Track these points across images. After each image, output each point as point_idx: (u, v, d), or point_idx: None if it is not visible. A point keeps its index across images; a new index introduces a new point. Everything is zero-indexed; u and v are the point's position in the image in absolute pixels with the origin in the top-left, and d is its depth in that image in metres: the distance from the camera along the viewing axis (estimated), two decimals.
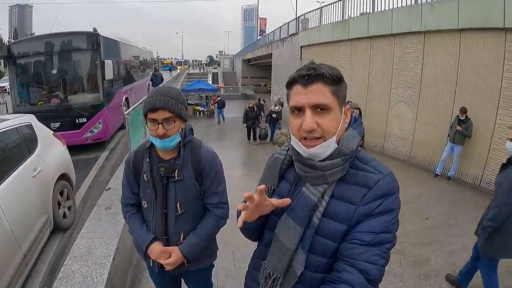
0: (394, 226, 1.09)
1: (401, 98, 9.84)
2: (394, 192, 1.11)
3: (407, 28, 9.23)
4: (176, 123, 1.72)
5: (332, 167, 1.12)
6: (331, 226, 1.12)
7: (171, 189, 1.84)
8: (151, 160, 1.85)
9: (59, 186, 4.57)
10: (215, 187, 1.90)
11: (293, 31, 18.89)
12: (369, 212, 1.08)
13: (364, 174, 1.13)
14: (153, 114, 1.67)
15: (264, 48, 28.08)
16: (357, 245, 1.06)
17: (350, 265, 1.05)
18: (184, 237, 1.89)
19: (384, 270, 1.07)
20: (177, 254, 1.85)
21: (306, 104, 1.07)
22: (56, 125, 8.14)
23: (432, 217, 5.56)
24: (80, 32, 9.04)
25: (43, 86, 8.87)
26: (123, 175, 1.99)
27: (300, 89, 1.09)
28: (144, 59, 17.94)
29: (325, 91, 1.07)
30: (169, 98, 1.68)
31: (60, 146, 5.11)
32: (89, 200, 5.79)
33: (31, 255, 3.49)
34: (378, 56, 10.81)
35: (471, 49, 7.45)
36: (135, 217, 1.98)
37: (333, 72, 1.08)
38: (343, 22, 12.88)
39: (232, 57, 60.21)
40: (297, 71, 1.12)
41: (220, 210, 1.93)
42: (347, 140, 1.13)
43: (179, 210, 1.85)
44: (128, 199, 1.99)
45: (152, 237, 1.89)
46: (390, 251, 1.11)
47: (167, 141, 1.71)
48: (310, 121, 1.06)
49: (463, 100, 7.56)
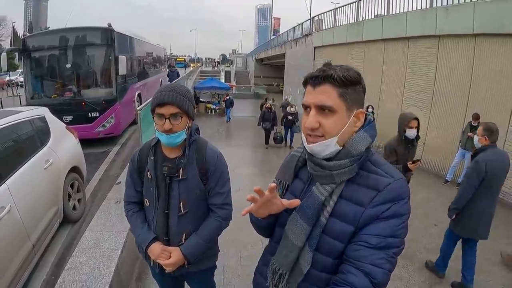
0: (402, 231, 1.09)
1: (414, 102, 9.73)
2: (404, 197, 1.10)
3: (422, 32, 9.14)
4: (183, 119, 1.72)
5: (339, 168, 1.13)
6: (338, 226, 1.13)
7: (175, 188, 1.82)
8: (155, 158, 1.84)
9: (70, 178, 4.64)
10: (220, 187, 1.89)
11: (307, 32, 18.84)
12: (377, 215, 1.08)
13: (375, 177, 1.13)
14: (160, 109, 1.67)
15: (278, 48, 28.05)
16: (364, 247, 1.06)
17: (355, 267, 1.05)
18: (186, 238, 1.87)
19: (390, 275, 1.07)
20: (178, 255, 1.82)
21: (312, 103, 1.12)
22: (68, 118, 8.25)
23: (441, 223, 5.47)
24: (95, 28, 9.14)
25: (57, 79, 8.99)
26: (127, 173, 1.99)
27: (310, 89, 1.14)
28: (158, 55, 18.04)
29: (331, 93, 1.09)
30: (177, 94, 1.69)
31: (72, 139, 5.18)
32: (99, 193, 5.87)
33: (39, 246, 3.55)
34: (392, 59, 10.72)
35: (485, 55, 7.34)
36: (137, 215, 1.96)
37: (345, 74, 1.09)
38: (357, 24, 12.81)
39: (245, 56, 60.22)
40: (311, 72, 1.16)
41: (224, 211, 1.91)
42: (355, 142, 1.14)
43: (182, 210, 1.83)
44: (131, 197, 1.98)
45: (153, 236, 1.87)
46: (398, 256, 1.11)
47: (173, 136, 1.70)
48: (312, 120, 1.11)
49: (476, 106, 7.46)
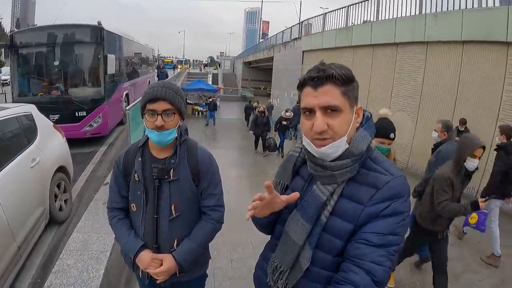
0: (401, 229, 1.09)
1: (401, 106, 9.86)
2: (404, 194, 1.10)
3: (410, 38, 9.27)
4: (175, 116, 1.66)
5: (341, 168, 1.12)
6: (338, 224, 1.14)
7: (165, 190, 1.72)
8: (143, 159, 1.75)
9: (57, 178, 4.52)
10: (212, 188, 1.82)
11: (296, 36, 18.91)
12: (376, 213, 1.08)
13: (375, 175, 1.13)
14: (152, 105, 1.61)
15: (266, 51, 28.10)
16: (364, 245, 1.06)
17: (357, 266, 1.05)
18: (178, 243, 1.76)
19: (390, 272, 1.07)
20: (170, 262, 1.71)
21: (316, 105, 1.08)
22: (55, 117, 8.06)
23: None
24: (84, 25, 9.00)
25: (44, 77, 8.81)
26: (111, 176, 1.87)
27: (310, 91, 1.10)
28: (146, 56, 17.95)
29: (335, 93, 1.07)
30: (170, 90, 1.63)
31: (59, 138, 5.07)
32: (86, 194, 5.75)
33: (25, 247, 3.44)
34: (380, 64, 10.85)
35: (473, 62, 7.49)
36: (122, 222, 1.83)
37: (343, 72, 1.08)
38: (346, 29, 12.94)
39: (233, 59, 60.22)
40: (308, 72, 1.12)
41: (217, 213, 1.83)
42: (357, 141, 1.13)
43: (174, 213, 1.73)
44: (115, 203, 1.85)
45: (141, 244, 1.74)
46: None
47: (164, 134, 1.63)
48: (321, 123, 1.07)
49: (463, 111, 7.58)
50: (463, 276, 4.11)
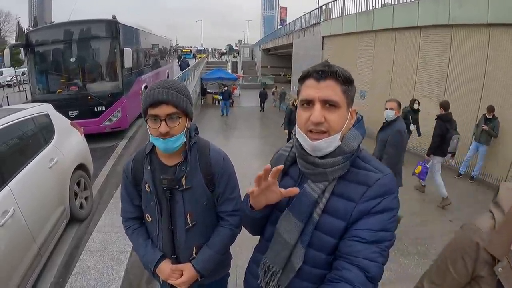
0: (392, 225, 1.12)
1: (426, 92, 9.56)
2: (394, 191, 1.14)
3: (434, 21, 8.94)
4: (181, 120, 1.50)
5: (333, 165, 1.14)
6: (330, 222, 1.15)
7: (178, 200, 1.62)
8: (152, 167, 1.63)
9: (76, 176, 4.55)
10: (229, 193, 1.71)
11: (315, 21, 18.60)
12: (367, 210, 1.10)
13: (365, 173, 1.16)
14: (154, 110, 1.44)
15: (285, 37, 27.86)
16: (356, 242, 1.08)
17: (350, 263, 1.06)
18: (196, 251, 1.70)
19: (383, 268, 1.08)
20: (190, 272, 1.67)
21: (317, 97, 1.11)
22: (74, 113, 8.22)
23: (456, 218, 5.37)
24: (99, 20, 9.00)
25: (61, 74, 8.91)
26: (121, 186, 1.77)
27: (312, 83, 1.13)
28: (164, 47, 17.97)
29: (336, 89, 1.11)
30: (173, 90, 1.46)
31: (77, 136, 5.09)
32: (107, 190, 5.80)
33: (46, 248, 3.45)
34: (403, 48, 10.53)
35: (500, 46, 7.15)
36: (138, 233, 1.77)
37: (345, 73, 1.13)
38: (367, 12, 12.57)
39: (251, 46, 60.07)
40: (312, 67, 1.16)
41: (235, 217, 1.72)
42: (349, 139, 1.16)
43: (190, 223, 1.64)
44: (128, 213, 1.78)
45: (160, 255, 1.70)
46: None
47: (170, 141, 1.48)
48: (318, 114, 1.09)
49: (490, 99, 7.28)
50: None
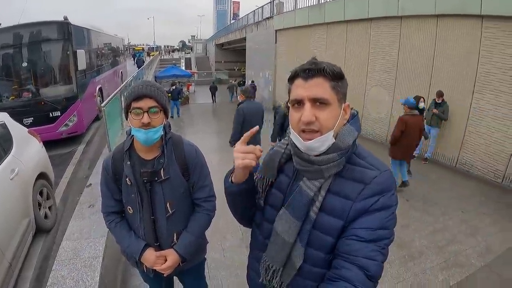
0: (391, 223, 1.11)
1: (377, 81, 9.99)
2: (391, 189, 1.13)
3: (384, 13, 9.30)
4: (160, 114, 1.67)
5: (328, 162, 1.13)
6: (327, 221, 1.14)
7: (158, 190, 1.76)
8: (132, 162, 1.75)
9: (38, 186, 4.38)
10: (203, 180, 1.88)
11: (268, 15, 18.69)
12: (365, 208, 1.09)
13: (361, 170, 1.14)
14: (138, 103, 1.60)
15: (238, 32, 27.76)
16: (355, 241, 1.07)
17: (349, 262, 1.05)
18: (177, 237, 1.85)
19: (383, 266, 1.08)
20: (174, 257, 1.81)
21: (306, 97, 1.09)
22: (29, 120, 7.81)
23: (411, 198, 5.72)
24: (50, 22, 8.56)
25: (13, 80, 8.40)
26: (101, 182, 1.88)
27: (301, 82, 1.12)
28: (116, 46, 17.42)
29: (325, 86, 1.09)
30: (154, 88, 1.64)
31: (36, 144, 4.88)
32: (70, 197, 5.62)
33: (16, 262, 3.34)
34: (354, 40, 10.89)
35: (447, 35, 7.58)
36: (120, 225, 1.88)
37: (334, 68, 1.11)
38: (319, 6, 12.85)
39: (205, 42, 59.36)
40: (299, 66, 1.15)
41: (210, 203, 1.91)
42: (343, 136, 1.14)
43: (170, 210, 1.79)
44: (109, 207, 1.88)
45: (144, 244, 1.82)
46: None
47: (151, 131, 1.64)
48: (309, 114, 1.08)
49: (439, 84, 7.72)
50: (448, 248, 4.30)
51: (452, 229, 4.72)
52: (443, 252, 4.16)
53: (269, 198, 1.32)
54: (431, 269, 3.85)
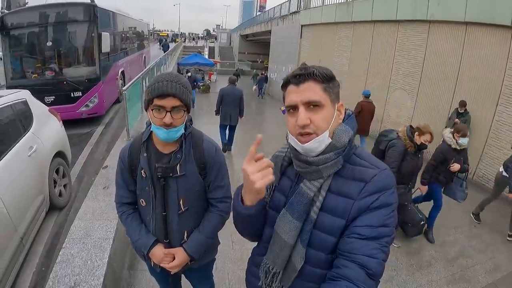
0: (391, 220, 1.11)
1: (401, 85, 9.80)
2: (391, 186, 1.14)
3: (412, 16, 9.11)
4: (184, 113, 1.60)
5: (325, 161, 1.14)
6: (329, 220, 1.15)
7: (172, 185, 1.71)
8: (148, 154, 1.70)
9: (55, 164, 4.48)
10: (219, 180, 1.81)
11: (295, 9, 18.51)
12: (366, 206, 1.10)
13: (361, 169, 1.16)
14: (161, 101, 1.51)
15: (263, 24, 27.60)
16: (356, 239, 1.07)
17: (350, 260, 1.05)
18: (187, 235, 1.80)
19: (384, 264, 1.08)
20: (182, 255, 1.77)
21: (299, 101, 1.12)
22: (50, 99, 7.99)
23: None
24: (76, 3, 8.69)
25: (37, 58, 8.58)
26: (117, 172, 1.84)
27: (293, 88, 1.15)
28: (141, 31, 17.55)
29: (316, 89, 1.12)
30: (179, 85, 1.54)
31: (56, 123, 4.99)
32: (85, 177, 5.75)
33: (27, 237, 3.44)
34: (380, 41, 10.71)
35: (475, 43, 7.38)
36: (132, 218, 1.85)
37: (324, 71, 1.14)
38: (346, 3, 12.65)
39: (229, 32, 59.27)
40: (290, 73, 1.18)
41: (225, 204, 1.84)
42: (339, 135, 1.16)
43: (182, 208, 1.74)
44: (123, 198, 1.85)
45: (153, 240, 1.79)
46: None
47: (173, 131, 1.57)
48: (303, 117, 1.10)
49: (463, 93, 7.55)
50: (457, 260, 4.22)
51: (463, 243, 4.64)
52: (451, 265, 4.10)
53: (273, 201, 1.32)
54: (437, 281, 3.80)
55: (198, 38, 72.69)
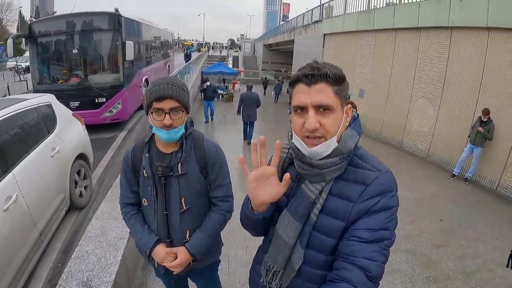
0: (392, 223, 1.10)
1: (423, 93, 9.62)
2: (392, 189, 1.11)
3: (434, 23, 8.96)
4: (182, 113, 1.65)
5: (330, 166, 1.12)
6: (328, 222, 1.14)
7: (174, 184, 1.74)
8: (150, 154, 1.75)
9: (77, 165, 4.65)
10: (221, 179, 1.83)
11: (317, 18, 18.54)
12: (366, 209, 1.09)
13: (362, 172, 1.13)
14: (159, 104, 1.57)
15: (286, 34, 27.75)
16: (356, 242, 1.06)
17: (350, 263, 1.05)
18: (190, 235, 1.82)
19: (384, 267, 1.07)
20: (184, 255, 1.78)
21: (310, 104, 1.07)
22: (75, 104, 8.30)
23: (446, 219, 5.48)
24: (102, 13, 9.05)
25: (63, 65, 8.97)
26: (121, 173, 1.89)
27: (303, 88, 1.10)
28: (165, 40, 17.98)
29: (328, 91, 1.08)
30: (176, 87, 1.59)
31: (78, 126, 5.18)
32: (106, 179, 5.91)
33: (46, 234, 3.57)
34: (402, 49, 10.56)
35: (498, 49, 7.18)
36: (135, 218, 1.88)
37: (336, 71, 1.09)
38: (368, 12, 12.55)
39: (253, 41, 59.84)
40: (301, 70, 1.12)
41: (226, 203, 1.86)
42: (345, 140, 1.14)
43: (184, 207, 1.76)
44: (127, 199, 1.89)
45: (156, 239, 1.80)
46: (395, 249, 1.11)
47: (173, 132, 1.62)
48: (313, 121, 1.06)
49: (486, 101, 7.34)
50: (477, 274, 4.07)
51: (484, 256, 4.46)
52: (470, 279, 3.95)
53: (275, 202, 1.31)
54: None
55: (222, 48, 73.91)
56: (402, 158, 9.58)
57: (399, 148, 10.63)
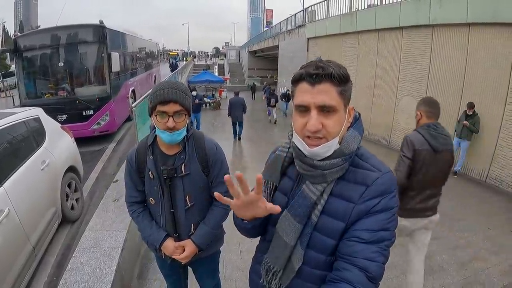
0: (392, 224, 1.09)
1: (408, 91, 9.78)
2: (392, 190, 1.11)
3: (415, 21, 9.15)
4: (185, 117, 1.74)
5: (331, 167, 1.11)
6: (329, 223, 1.13)
7: (178, 184, 1.85)
8: (155, 157, 1.84)
9: (67, 178, 4.62)
10: (221, 176, 1.92)
11: (300, 23, 18.75)
12: (367, 210, 1.08)
13: (363, 172, 1.13)
14: (163, 107, 1.66)
15: (271, 39, 27.97)
16: (356, 242, 1.06)
17: (350, 263, 1.05)
18: (195, 228, 1.94)
19: (384, 268, 1.07)
20: (191, 247, 1.91)
21: (313, 104, 1.05)
22: (63, 117, 8.24)
23: (438, 212, 5.52)
24: (86, 25, 9.05)
25: (50, 78, 8.93)
26: (125, 174, 1.98)
27: (307, 88, 1.07)
28: (150, 50, 17.97)
29: (332, 92, 1.05)
30: (179, 91, 1.68)
31: (67, 139, 5.15)
32: (97, 192, 5.87)
33: (40, 247, 3.54)
34: (385, 49, 10.74)
35: (479, 44, 7.35)
36: (143, 215, 1.99)
37: (341, 71, 1.06)
38: (350, 14, 12.76)
39: (238, 49, 60.16)
40: (304, 68, 1.09)
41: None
42: (347, 142, 1.13)
43: (189, 203, 1.88)
44: (133, 198, 1.99)
45: (164, 234, 1.93)
46: (391, 248, 1.11)
47: (176, 134, 1.71)
48: (315, 122, 1.05)
49: (470, 95, 7.49)
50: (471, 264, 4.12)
51: (476, 245, 4.52)
52: (465, 269, 3.99)
53: (274, 202, 1.27)
54: (450, 285, 3.70)
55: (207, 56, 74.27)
56: (391, 157, 9.67)
57: (388, 146, 10.75)
